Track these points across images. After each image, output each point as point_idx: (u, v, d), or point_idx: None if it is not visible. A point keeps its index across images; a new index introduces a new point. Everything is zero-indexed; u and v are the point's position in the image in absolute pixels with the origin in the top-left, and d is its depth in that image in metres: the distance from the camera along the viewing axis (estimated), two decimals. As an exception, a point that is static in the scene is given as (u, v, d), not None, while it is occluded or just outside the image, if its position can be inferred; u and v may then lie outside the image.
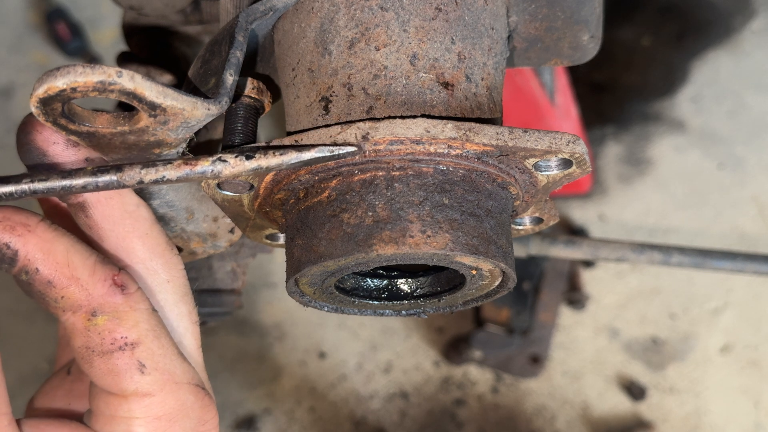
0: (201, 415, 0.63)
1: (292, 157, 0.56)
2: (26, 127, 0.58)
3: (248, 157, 0.55)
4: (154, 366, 0.59)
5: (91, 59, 2.24)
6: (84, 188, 0.54)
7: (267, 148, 0.56)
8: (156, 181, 0.55)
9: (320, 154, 0.56)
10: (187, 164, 0.55)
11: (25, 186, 0.54)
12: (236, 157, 0.55)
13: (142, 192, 0.66)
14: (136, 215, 0.62)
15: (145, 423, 0.60)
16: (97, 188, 0.55)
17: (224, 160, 0.55)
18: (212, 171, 0.55)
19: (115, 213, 0.61)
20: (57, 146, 0.58)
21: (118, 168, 0.54)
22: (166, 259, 0.63)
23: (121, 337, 0.58)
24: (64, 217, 0.64)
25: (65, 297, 0.57)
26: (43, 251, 0.57)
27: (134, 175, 0.54)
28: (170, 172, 0.54)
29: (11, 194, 0.54)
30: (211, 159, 0.55)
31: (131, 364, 0.58)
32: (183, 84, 0.63)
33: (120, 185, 0.54)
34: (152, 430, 0.60)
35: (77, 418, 0.64)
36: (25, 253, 0.56)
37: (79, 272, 0.57)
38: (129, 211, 0.62)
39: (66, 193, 0.55)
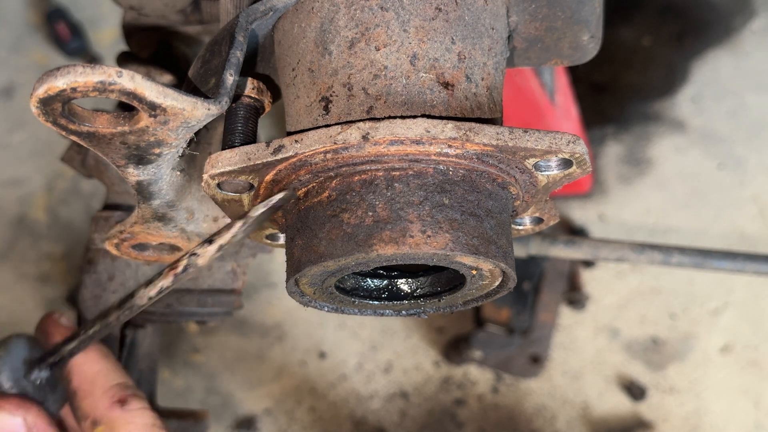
0: None
1: (239, 227, 0.62)
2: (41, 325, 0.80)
3: (210, 242, 0.63)
4: None
5: (91, 59, 2.24)
6: (118, 319, 0.68)
7: (222, 229, 0.63)
8: (159, 293, 0.65)
9: (258, 212, 0.61)
10: (171, 270, 0.64)
11: (83, 337, 0.70)
12: (201, 246, 0.63)
13: (144, 191, 0.66)
14: None
15: None
16: (126, 317, 0.67)
17: (196, 254, 0.63)
18: (191, 265, 0.63)
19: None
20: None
21: (131, 296, 0.66)
22: None
23: None
24: None
25: (80, 407, 0.72)
26: (81, 365, 0.73)
27: (143, 295, 0.65)
28: (164, 282, 0.64)
29: (78, 346, 0.71)
30: (185, 258, 0.63)
31: None
32: (183, 84, 0.63)
33: (139, 307, 0.66)
34: None
35: None
36: (71, 364, 0.72)
37: (96, 389, 0.72)
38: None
39: (108, 329, 0.68)
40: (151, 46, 0.95)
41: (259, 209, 0.61)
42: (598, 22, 0.71)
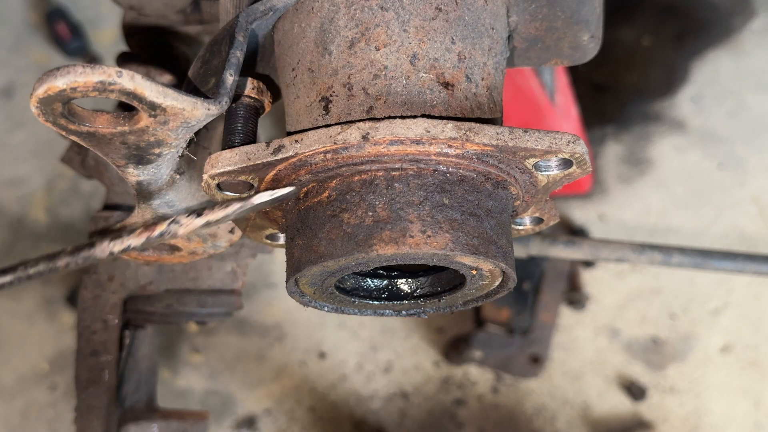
0: None
1: (236, 208, 0.61)
2: None
3: (198, 215, 0.62)
4: None
5: (91, 59, 2.24)
6: (67, 266, 0.66)
7: (217, 207, 0.62)
8: (123, 250, 0.64)
9: (262, 200, 0.60)
10: (146, 230, 0.63)
11: (21, 273, 0.67)
12: (188, 216, 0.62)
13: (143, 191, 0.66)
14: None
15: None
16: (77, 264, 0.65)
17: (177, 222, 0.62)
18: (168, 232, 0.63)
19: None
20: None
21: (91, 245, 0.64)
22: None
23: None
24: None
25: None
26: None
27: (105, 248, 0.64)
28: (134, 241, 0.63)
29: (11, 282, 0.66)
30: (166, 222, 0.63)
31: None
32: (183, 84, 0.63)
33: (95, 260, 0.64)
34: None
35: None
36: None
37: None
38: None
39: (53, 272, 0.66)
40: (151, 46, 0.95)
41: (264, 197, 0.60)
42: (598, 22, 0.71)
